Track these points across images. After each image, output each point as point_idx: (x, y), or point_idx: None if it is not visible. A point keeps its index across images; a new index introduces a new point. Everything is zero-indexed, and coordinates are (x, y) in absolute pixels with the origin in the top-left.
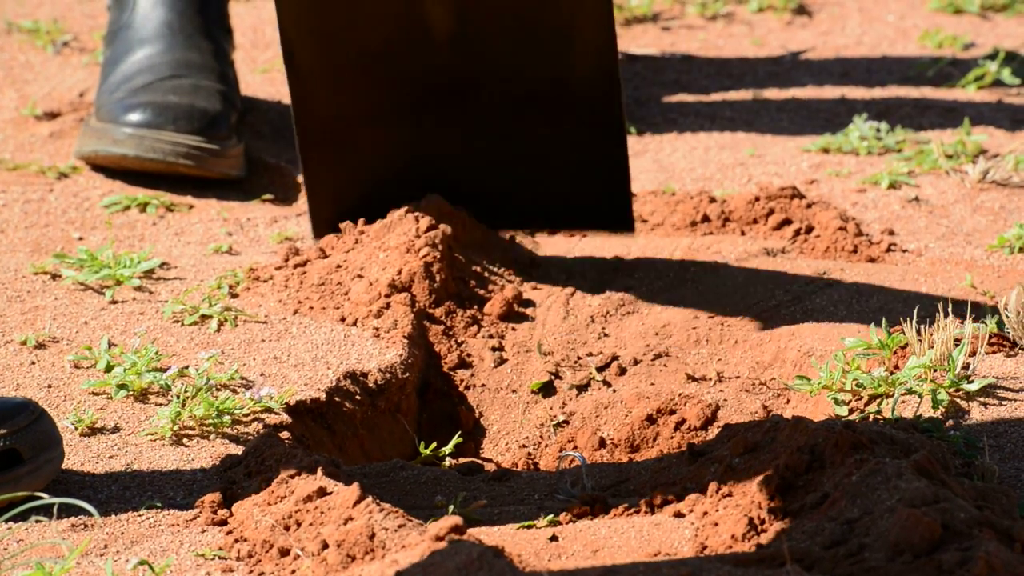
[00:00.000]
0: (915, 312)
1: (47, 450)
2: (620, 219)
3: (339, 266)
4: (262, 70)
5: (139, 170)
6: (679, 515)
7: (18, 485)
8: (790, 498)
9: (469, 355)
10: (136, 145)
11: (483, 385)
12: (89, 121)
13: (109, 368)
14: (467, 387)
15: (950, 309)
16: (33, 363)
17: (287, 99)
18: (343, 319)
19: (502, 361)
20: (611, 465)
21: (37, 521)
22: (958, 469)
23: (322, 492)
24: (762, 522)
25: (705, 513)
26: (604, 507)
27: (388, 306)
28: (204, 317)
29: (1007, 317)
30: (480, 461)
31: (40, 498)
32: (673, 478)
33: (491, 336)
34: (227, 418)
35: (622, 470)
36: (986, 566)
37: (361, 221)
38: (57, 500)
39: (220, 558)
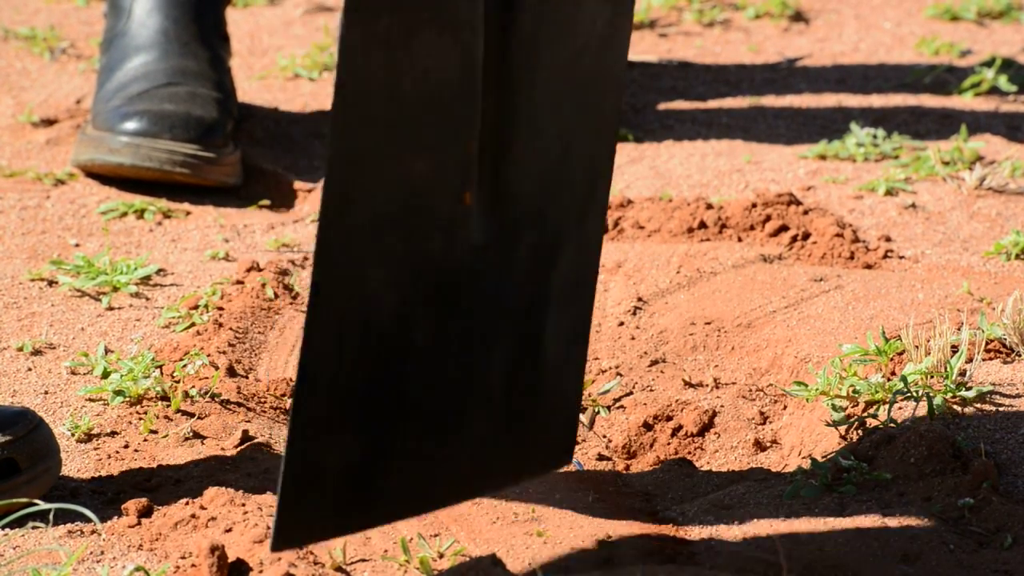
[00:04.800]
0: (912, 318)
1: (44, 459)
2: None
3: None
4: (259, 77)
5: (135, 178)
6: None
7: (15, 495)
8: None
9: None
10: (132, 154)
11: None
12: (85, 129)
13: (106, 374)
14: None
15: (947, 315)
16: (30, 369)
17: (284, 106)
18: None
19: None
20: (609, 473)
21: (34, 527)
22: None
23: None
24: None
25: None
26: None
27: None
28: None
29: (1004, 324)
30: None
31: (37, 504)
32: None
33: None
34: None
35: (619, 479)
36: None
37: None
38: (55, 506)
39: None
